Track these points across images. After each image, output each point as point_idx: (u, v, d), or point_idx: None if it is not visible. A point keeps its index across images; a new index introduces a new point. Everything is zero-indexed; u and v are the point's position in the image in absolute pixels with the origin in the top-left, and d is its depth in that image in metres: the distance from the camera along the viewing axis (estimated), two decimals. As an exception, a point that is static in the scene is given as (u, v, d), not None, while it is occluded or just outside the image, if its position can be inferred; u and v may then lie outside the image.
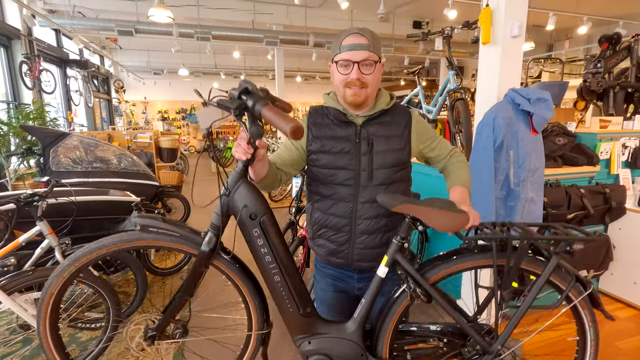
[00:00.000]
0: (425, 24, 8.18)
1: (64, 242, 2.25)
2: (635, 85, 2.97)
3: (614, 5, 6.88)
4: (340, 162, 1.19)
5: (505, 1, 2.12)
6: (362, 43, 1.12)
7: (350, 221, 1.21)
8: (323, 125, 1.23)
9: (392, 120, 1.22)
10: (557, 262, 1.11)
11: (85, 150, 3.68)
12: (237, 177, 1.10)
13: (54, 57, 6.93)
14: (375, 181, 1.18)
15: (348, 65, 1.13)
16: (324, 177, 1.22)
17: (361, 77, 1.13)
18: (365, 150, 1.18)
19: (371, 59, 1.13)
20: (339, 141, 1.20)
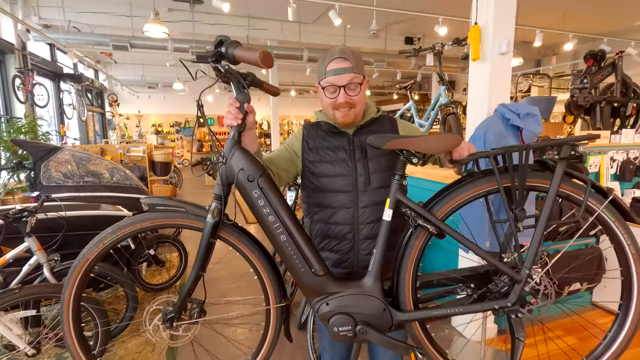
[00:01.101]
0: (416, 39, 8.36)
1: (53, 259, 2.21)
2: (620, 100, 3.05)
3: (598, 22, 7.11)
4: (337, 170, 1.23)
5: (493, 19, 2.19)
6: (345, 67, 1.15)
7: (353, 227, 1.23)
8: (317, 136, 1.28)
9: (380, 128, 1.29)
10: (564, 169, 1.01)
11: (77, 165, 3.65)
12: (232, 143, 1.16)
13: (48, 71, 6.93)
14: (373, 185, 1.22)
15: (335, 90, 1.17)
16: (322, 186, 1.25)
17: (348, 99, 1.17)
18: (360, 157, 1.23)
19: (356, 81, 1.17)
20: (333, 150, 1.25)
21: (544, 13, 6.67)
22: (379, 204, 1.21)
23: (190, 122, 14.27)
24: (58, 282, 2.17)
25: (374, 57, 7.75)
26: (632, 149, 2.91)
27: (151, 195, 1.15)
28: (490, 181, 1.10)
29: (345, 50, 1.18)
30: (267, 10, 6.75)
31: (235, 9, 6.50)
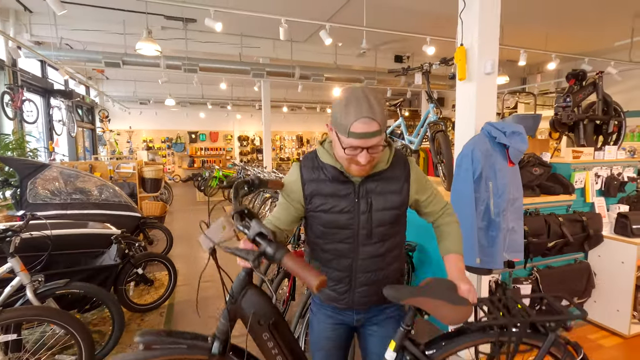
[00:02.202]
0: (406, 58, 8.57)
1: (37, 280, 2.15)
2: (602, 118, 3.14)
3: (579, 43, 7.39)
4: (339, 221, 1.17)
5: (477, 41, 2.26)
6: (374, 131, 1.01)
7: (350, 274, 1.22)
8: (319, 181, 1.18)
9: (391, 175, 1.19)
10: (554, 338, 1.22)
11: (65, 182, 3.60)
12: (242, 284, 1.09)
13: (38, 87, 6.90)
14: (374, 239, 1.19)
15: (356, 149, 1.05)
16: (323, 234, 1.22)
17: (370, 159, 1.06)
18: (365, 209, 1.16)
19: (380, 143, 1.05)
20: (337, 199, 1.16)
21: (528, 34, 6.92)
22: (378, 256, 1.21)
23: (182, 137, 14.23)
24: (41, 305, 2.10)
25: (364, 75, 7.90)
26: (615, 165, 2.99)
27: (145, 331, 1.11)
28: (488, 336, 1.25)
29: (373, 105, 1.01)
30: (260, 29, 6.87)
31: (228, 28, 6.60)
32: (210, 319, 3.09)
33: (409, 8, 5.69)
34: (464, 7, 2.31)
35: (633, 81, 7.76)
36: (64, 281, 2.21)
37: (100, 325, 2.91)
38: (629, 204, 2.95)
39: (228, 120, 14.60)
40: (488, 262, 2.04)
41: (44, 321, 1.98)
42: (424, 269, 3.08)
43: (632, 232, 2.66)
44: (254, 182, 1.07)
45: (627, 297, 2.64)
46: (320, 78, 7.50)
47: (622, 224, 2.72)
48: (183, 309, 3.29)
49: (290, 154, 16.04)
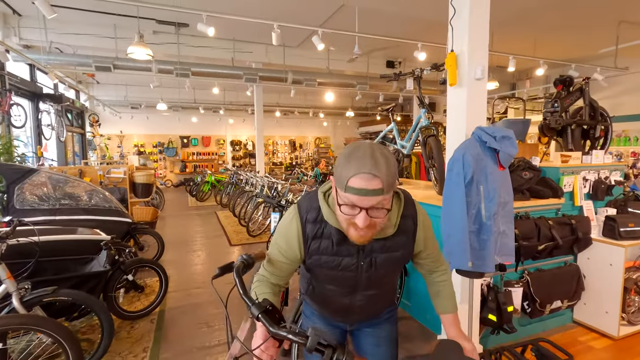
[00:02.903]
0: (397, 63, 8.66)
1: (23, 287, 2.10)
2: (589, 123, 3.21)
3: (566, 49, 7.56)
4: (340, 277, 1.13)
5: (467, 47, 2.30)
6: (375, 189, 0.89)
7: (348, 309, 1.25)
8: (322, 239, 1.08)
9: (398, 233, 1.10)
10: None
11: (54, 187, 3.54)
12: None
13: (27, 91, 6.80)
14: (373, 286, 1.18)
15: (354, 208, 0.92)
16: (322, 281, 1.20)
17: (370, 223, 0.93)
18: (368, 268, 1.11)
19: (384, 205, 0.92)
20: (340, 257, 1.09)
21: (517, 40, 7.06)
22: (375, 297, 1.22)
23: (174, 142, 14.13)
24: (27, 313, 2.06)
25: (356, 80, 7.96)
26: (602, 169, 3.05)
27: None
28: None
29: (378, 161, 0.89)
30: (252, 34, 6.89)
31: (220, 33, 6.61)
32: (202, 325, 3.05)
33: (400, 14, 5.77)
34: (454, 13, 2.35)
35: (618, 87, 7.95)
36: (51, 288, 2.17)
37: (89, 333, 2.86)
38: (616, 207, 3.01)
39: (220, 124, 14.55)
40: (480, 266, 2.05)
41: (30, 330, 1.93)
42: (417, 274, 3.08)
43: (620, 234, 2.70)
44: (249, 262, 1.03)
45: (616, 299, 2.67)
46: (312, 83, 7.54)
47: (610, 227, 2.77)
48: (174, 315, 3.24)
49: (283, 159, 16.03)
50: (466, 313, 2.33)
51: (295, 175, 10.88)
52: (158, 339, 2.83)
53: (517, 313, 2.61)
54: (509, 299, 2.51)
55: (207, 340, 2.82)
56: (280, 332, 0.87)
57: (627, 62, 7.07)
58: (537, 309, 2.67)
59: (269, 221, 5.86)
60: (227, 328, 0.99)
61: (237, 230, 6.59)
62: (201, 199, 10.29)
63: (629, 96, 7.90)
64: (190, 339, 2.84)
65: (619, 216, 2.79)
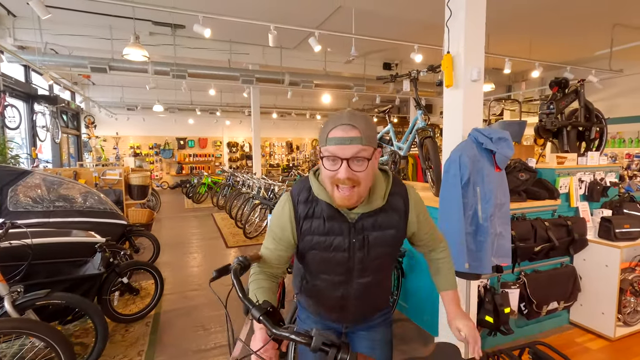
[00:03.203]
0: (394, 65, 8.68)
1: (15, 290, 2.07)
2: (584, 125, 3.22)
3: (561, 52, 7.61)
4: (334, 259, 1.12)
5: (464, 49, 2.30)
6: (352, 136, 0.95)
7: (343, 303, 1.22)
8: (314, 218, 1.10)
9: (389, 207, 1.11)
10: None
11: (48, 189, 3.51)
12: None
13: (21, 93, 6.75)
14: (368, 272, 1.16)
15: (336, 161, 0.96)
16: (315, 271, 1.18)
17: (351, 175, 0.96)
18: (361, 247, 1.10)
19: (363, 154, 0.96)
20: (331, 237, 1.10)
21: (512, 43, 7.10)
22: (372, 286, 1.20)
23: (170, 143, 14.08)
24: (20, 316, 2.03)
25: (353, 82, 7.96)
26: (598, 171, 3.06)
27: None
28: None
29: (356, 115, 0.98)
30: (249, 36, 6.89)
31: (217, 34, 6.60)
32: (198, 328, 3.03)
33: (397, 16, 5.78)
34: (450, 15, 2.36)
35: (613, 89, 8.01)
36: (44, 292, 2.14)
37: (82, 337, 2.82)
38: (612, 208, 3.02)
39: (217, 126, 14.52)
40: (477, 267, 2.05)
41: (22, 334, 1.91)
42: (414, 275, 3.08)
43: (616, 236, 2.71)
44: (245, 264, 1.02)
45: (612, 300, 2.68)
46: (309, 85, 7.54)
47: (605, 228, 2.78)
48: (170, 318, 3.22)
49: (280, 160, 16.01)
50: (463, 315, 2.32)
51: (292, 177, 10.87)
52: (153, 342, 2.80)
53: (514, 314, 2.61)
54: (506, 300, 2.51)
55: (203, 343, 2.79)
56: (283, 333, 0.87)
57: (621, 64, 7.13)
58: (534, 310, 2.67)
59: (265, 223, 5.85)
60: (228, 330, 0.99)
61: (233, 232, 6.57)
62: (197, 201, 10.24)
63: (623, 98, 7.96)
64: (186, 342, 2.81)
65: (615, 217, 2.81)
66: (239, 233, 6.27)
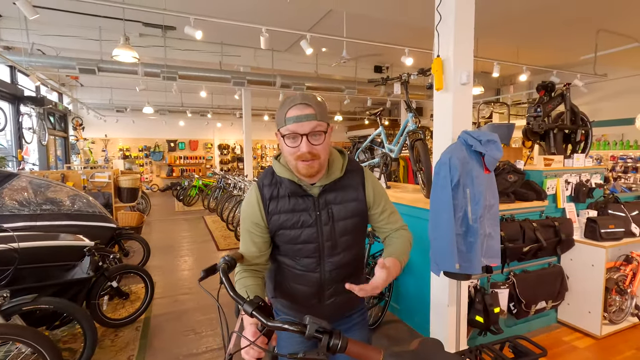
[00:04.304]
0: (385, 68, 8.76)
1: (1, 295, 2.03)
2: (570, 127, 3.30)
3: (548, 56, 7.77)
4: (303, 237, 1.16)
5: (453, 53, 2.34)
6: (308, 113, 1.05)
7: (318, 288, 1.21)
8: (279, 198, 1.17)
9: (348, 182, 1.19)
10: None
11: (35, 192, 3.44)
12: None
13: (7, 94, 6.62)
14: (339, 248, 1.18)
15: (296, 138, 1.06)
16: (287, 252, 1.20)
17: (311, 148, 1.06)
18: (327, 220, 1.16)
19: (319, 129, 1.07)
20: (298, 214, 1.15)
21: (500, 47, 7.23)
22: (344, 266, 1.20)
23: (160, 146, 13.94)
24: (6, 322, 1.99)
25: (345, 85, 8.01)
26: (583, 172, 3.13)
27: None
28: None
29: (308, 96, 1.09)
30: (240, 38, 6.88)
31: (208, 36, 6.57)
32: (188, 332, 3.00)
33: (387, 20, 5.84)
34: (440, 20, 2.39)
35: (597, 93, 8.21)
36: (31, 297, 2.10)
37: (70, 342, 2.77)
38: (597, 209, 3.09)
39: (208, 128, 14.42)
40: (467, 268, 2.07)
41: (8, 340, 1.87)
42: (405, 277, 3.10)
43: (601, 236, 2.78)
44: (232, 262, 1.05)
45: (598, 299, 2.74)
46: (301, 87, 7.55)
47: (591, 229, 2.84)
48: (160, 322, 3.18)
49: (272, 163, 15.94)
50: (454, 315, 2.35)
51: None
52: (143, 346, 2.77)
53: (504, 314, 2.65)
54: (496, 300, 2.55)
55: (194, 347, 2.77)
56: (277, 324, 0.89)
57: (605, 69, 7.32)
58: (523, 309, 2.72)
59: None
60: (221, 324, 0.99)
61: (224, 234, 6.52)
62: (188, 204, 10.15)
63: (607, 102, 8.16)
64: (176, 346, 2.78)
65: (600, 218, 2.87)
66: (231, 236, 6.23)
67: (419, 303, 2.91)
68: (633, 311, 2.94)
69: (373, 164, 3.80)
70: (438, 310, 2.48)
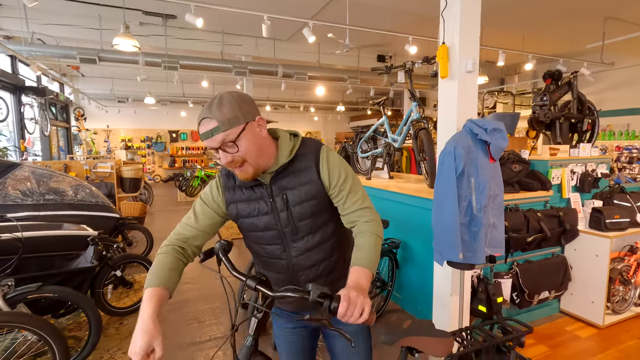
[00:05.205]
0: (388, 57, 8.65)
1: (6, 284, 2.04)
2: (577, 117, 3.25)
3: (554, 45, 7.65)
4: (261, 224, 1.15)
5: (459, 40, 2.29)
6: (211, 128, 0.99)
7: (290, 275, 1.20)
8: (235, 188, 1.16)
9: (300, 165, 1.13)
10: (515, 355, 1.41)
11: (37, 182, 3.44)
12: (250, 352, 1.05)
13: (8, 84, 6.58)
14: (301, 233, 1.15)
15: (216, 151, 1.03)
16: (251, 238, 1.21)
17: (231, 158, 1.03)
18: (282, 207, 1.13)
19: (229, 139, 1.00)
20: (253, 203, 1.15)
21: (506, 35, 7.10)
22: (311, 250, 1.17)
23: (162, 136, 13.91)
24: (11, 310, 2.00)
25: (347, 74, 7.92)
26: (589, 162, 3.10)
27: None
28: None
29: (212, 104, 1.01)
30: (242, 27, 6.79)
31: (209, 25, 6.49)
32: (192, 321, 3.02)
33: (391, 8, 5.74)
34: (446, 5, 2.34)
35: (603, 83, 8.09)
36: (35, 285, 2.11)
37: (76, 331, 2.80)
38: (602, 199, 3.06)
39: (210, 119, 14.34)
40: (471, 257, 2.06)
41: (14, 327, 1.88)
42: (407, 267, 3.10)
43: (606, 226, 2.75)
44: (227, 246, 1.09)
45: (601, 289, 2.73)
46: (303, 77, 7.48)
47: (596, 219, 2.82)
48: (164, 311, 3.19)
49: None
50: (457, 304, 2.35)
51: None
52: (148, 335, 2.79)
53: (507, 304, 2.65)
54: (499, 290, 2.55)
55: (197, 335, 2.79)
56: (282, 293, 0.94)
57: (613, 57, 7.19)
58: (526, 299, 2.72)
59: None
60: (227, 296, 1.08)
61: (227, 225, 6.54)
62: (191, 194, 10.16)
63: (613, 92, 8.05)
64: (180, 335, 2.81)
65: (605, 208, 2.85)
66: (233, 226, 6.24)
67: (422, 292, 2.91)
68: (637, 301, 2.94)
69: (376, 153, 3.77)
70: (441, 300, 2.48)
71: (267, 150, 1.09)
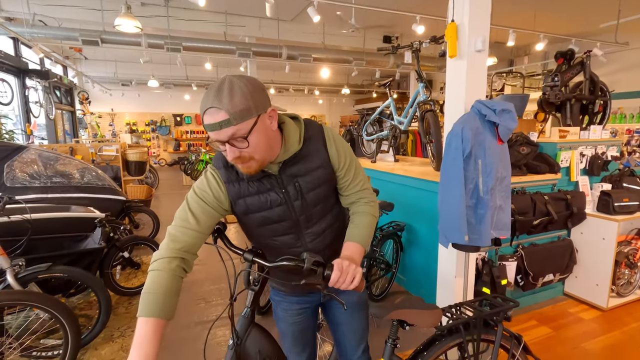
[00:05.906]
0: (395, 38, 8.45)
1: (17, 264, 2.08)
2: (589, 98, 3.17)
3: (567, 24, 7.41)
4: (274, 216, 1.08)
5: (469, 17, 2.22)
6: (220, 121, 0.86)
7: None
8: (239, 181, 1.05)
9: (309, 149, 1.06)
10: (502, 329, 1.44)
11: (44, 165, 3.47)
12: (247, 323, 1.12)
13: (12, 67, 6.56)
14: (315, 219, 1.12)
15: (222, 143, 0.92)
16: (262, 234, 1.13)
17: (239, 153, 0.92)
18: (295, 196, 1.06)
19: (240, 134, 0.89)
20: (264, 195, 1.05)
21: (516, 14, 6.88)
22: (324, 232, 1.15)
23: (167, 120, 13.89)
24: (23, 289, 2.05)
25: (352, 56, 7.77)
26: (599, 145, 3.04)
27: None
28: (456, 338, 1.43)
29: (222, 91, 0.87)
30: (245, 7, 6.65)
31: (212, 5, 6.36)
32: (199, 301, 3.08)
33: (398, -14, 5.57)
34: (456, -19, 2.25)
35: (615, 64, 7.86)
36: (45, 265, 2.15)
37: (86, 310, 2.87)
38: (612, 182, 3.02)
39: (214, 102, 14.26)
40: (476, 240, 2.06)
41: (26, 305, 1.93)
42: (413, 250, 3.11)
43: (614, 209, 2.72)
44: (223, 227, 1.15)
45: (607, 272, 2.73)
46: (308, 58, 7.35)
47: (604, 202, 2.79)
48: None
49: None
50: (461, 286, 2.36)
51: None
52: (156, 314, 2.85)
53: (511, 286, 2.66)
54: (503, 272, 2.55)
55: (205, 315, 2.85)
56: (277, 263, 1.00)
57: (627, 37, 6.96)
58: (530, 282, 2.72)
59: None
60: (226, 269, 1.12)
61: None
62: (196, 178, 10.21)
63: (625, 73, 7.83)
64: (188, 314, 2.87)
65: (614, 191, 2.81)
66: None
67: (426, 275, 2.93)
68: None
69: (382, 136, 3.73)
70: (445, 282, 2.50)
71: (275, 142, 1.00)
